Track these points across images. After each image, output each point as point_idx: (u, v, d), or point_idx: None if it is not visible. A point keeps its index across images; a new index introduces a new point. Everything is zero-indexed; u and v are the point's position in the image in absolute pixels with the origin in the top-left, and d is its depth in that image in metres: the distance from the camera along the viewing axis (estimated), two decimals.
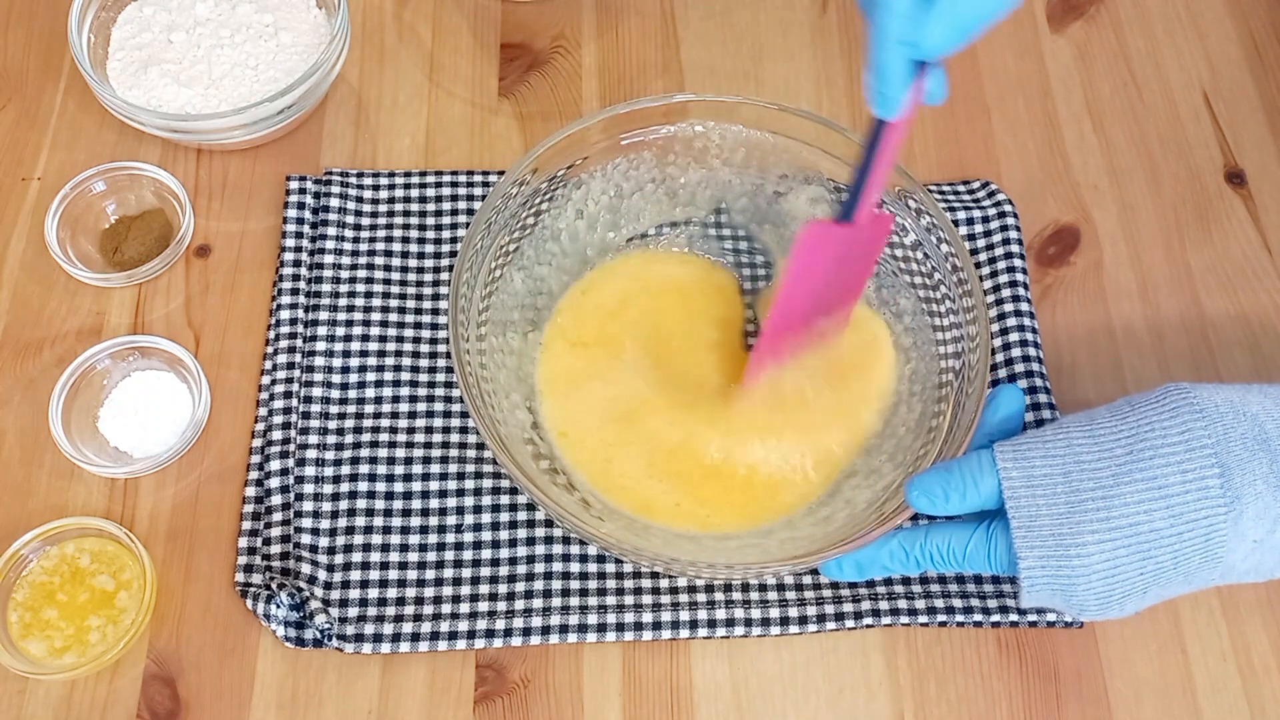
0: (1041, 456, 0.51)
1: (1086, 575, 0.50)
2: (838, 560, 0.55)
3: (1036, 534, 0.50)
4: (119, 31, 0.71)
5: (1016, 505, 0.51)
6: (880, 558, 0.54)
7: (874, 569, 0.55)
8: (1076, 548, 0.49)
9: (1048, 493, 0.50)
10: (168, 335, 0.64)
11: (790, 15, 0.78)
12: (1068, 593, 0.50)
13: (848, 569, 0.55)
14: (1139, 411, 0.51)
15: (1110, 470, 0.50)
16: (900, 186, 0.62)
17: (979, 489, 0.52)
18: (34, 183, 0.70)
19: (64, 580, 0.57)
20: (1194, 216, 0.71)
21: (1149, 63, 0.77)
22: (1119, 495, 0.49)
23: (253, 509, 0.60)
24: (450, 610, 0.57)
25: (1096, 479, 0.50)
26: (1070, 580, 0.50)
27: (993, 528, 0.52)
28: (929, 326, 0.61)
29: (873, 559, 0.54)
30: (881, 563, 0.54)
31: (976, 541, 0.52)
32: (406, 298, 0.66)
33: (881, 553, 0.54)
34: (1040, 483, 0.51)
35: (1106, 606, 0.51)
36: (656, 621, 0.57)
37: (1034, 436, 0.52)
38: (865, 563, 0.54)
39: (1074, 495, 0.50)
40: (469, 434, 0.62)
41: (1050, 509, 0.50)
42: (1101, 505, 0.49)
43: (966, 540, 0.53)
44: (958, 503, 0.52)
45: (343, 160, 0.71)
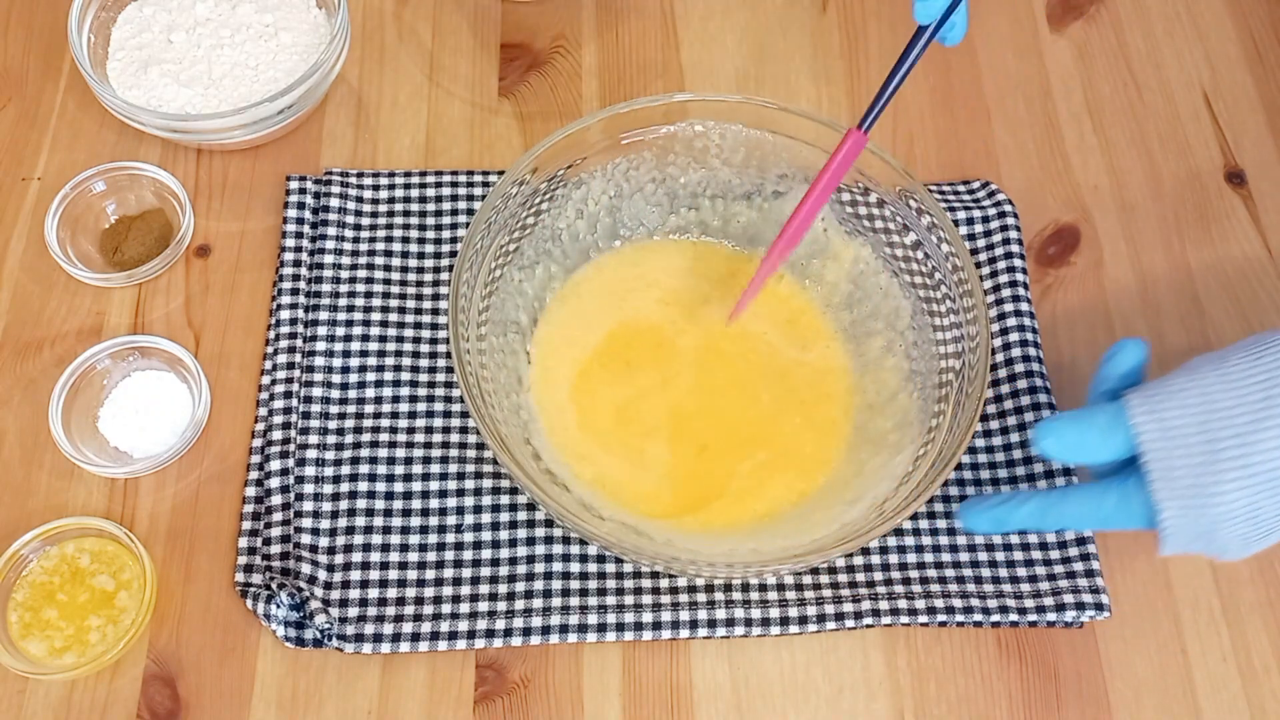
0: (1177, 407, 0.50)
1: (1230, 520, 0.49)
2: (975, 512, 0.55)
3: (1175, 485, 0.50)
4: (119, 31, 0.71)
5: (1154, 459, 0.50)
6: (1014, 519, 0.54)
7: (1008, 526, 0.54)
8: (1217, 495, 0.49)
9: (1184, 444, 0.50)
10: (168, 335, 0.64)
11: (790, 15, 0.78)
12: (1209, 538, 0.50)
13: (982, 522, 0.55)
14: (1272, 352, 0.50)
15: (1247, 416, 0.49)
16: (901, 186, 0.62)
17: (1110, 443, 0.51)
18: (34, 183, 0.70)
19: (64, 580, 0.57)
20: (1194, 216, 0.71)
21: (1149, 63, 0.77)
22: (1257, 441, 0.49)
23: (253, 509, 0.60)
24: (450, 610, 0.57)
25: (1233, 425, 0.49)
26: (1212, 527, 0.49)
27: (1128, 484, 0.51)
28: (929, 326, 0.61)
29: (1007, 518, 0.54)
30: (1016, 523, 0.54)
31: (1113, 501, 0.52)
32: (406, 298, 0.66)
33: (1016, 514, 0.54)
34: (1176, 434, 0.50)
35: (1248, 545, 0.51)
36: (656, 621, 0.57)
37: (1166, 385, 0.51)
38: (1001, 519, 0.54)
39: (1211, 444, 0.49)
40: (469, 434, 0.62)
41: (1187, 459, 0.49)
42: (1240, 452, 0.49)
43: (1103, 503, 0.52)
44: (1090, 454, 0.52)
45: (343, 160, 0.71)
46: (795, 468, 0.61)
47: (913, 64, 0.57)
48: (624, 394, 0.62)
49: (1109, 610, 0.58)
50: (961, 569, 0.59)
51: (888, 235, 0.63)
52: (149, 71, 0.69)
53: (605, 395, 0.62)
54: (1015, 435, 0.62)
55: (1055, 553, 0.59)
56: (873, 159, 0.62)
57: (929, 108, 0.74)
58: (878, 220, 0.64)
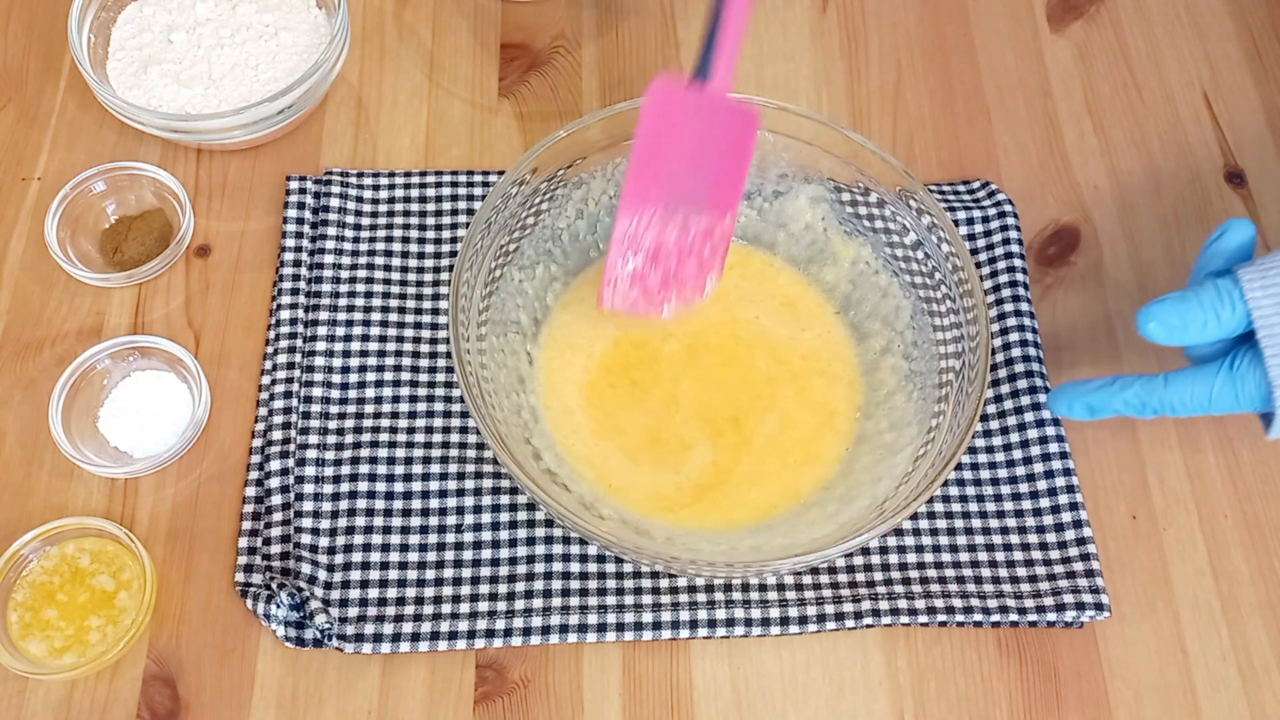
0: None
1: None
2: (1069, 397, 0.53)
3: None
4: (119, 31, 0.71)
5: (1268, 333, 0.48)
6: (1114, 404, 0.52)
7: (1106, 412, 0.53)
8: None
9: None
10: (168, 335, 0.64)
11: (790, 15, 0.78)
12: None
13: (1077, 408, 0.53)
14: None
15: None
16: (901, 186, 0.62)
17: (1220, 319, 0.49)
18: (34, 183, 0.70)
19: (64, 580, 0.57)
20: (1194, 216, 0.71)
21: (1149, 63, 0.77)
22: None
23: (253, 509, 0.60)
24: (450, 610, 0.57)
25: None
26: None
27: (1238, 363, 0.49)
28: (929, 326, 0.61)
29: (1106, 403, 0.52)
30: (1114, 408, 0.52)
31: (1222, 383, 0.50)
32: (406, 298, 0.66)
33: (1116, 400, 0.52)
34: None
35: None
36: (656, 621, 0.57)
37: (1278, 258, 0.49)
38: (1097, 405, 0.53)
39: None
40: (469, 434, 0.62)
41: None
42: None
43: (1211, 384, 0.50)
44: (1196, 333, 0.50)
45: (343, 160, 0.71)
46: (795, 466, 0.61)
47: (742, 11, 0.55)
48: (626, 392, 0.62)
49: (1109, 610, 0.58)
50: (961, 569, 0.59)
51: (888, 235, 0.63)
52: (149, 71, 0.69)
53: (608, 393, 0.62)
54: (1015, 435, 0.63)
55: (1055, 553, 0.59)
56: (873, 159, 0.62)
57: (929, 108, 0.74)
58: (878, 220, 0.64)
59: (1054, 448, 0.62)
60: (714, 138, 0.59)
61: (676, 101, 0.58)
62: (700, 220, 0.60)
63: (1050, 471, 0.61)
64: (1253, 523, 0.62)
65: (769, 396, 0.63)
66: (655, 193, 0.59)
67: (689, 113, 0.58)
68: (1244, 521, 0.62)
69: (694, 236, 0.59)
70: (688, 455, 0.61)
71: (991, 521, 0.61)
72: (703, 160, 0.59)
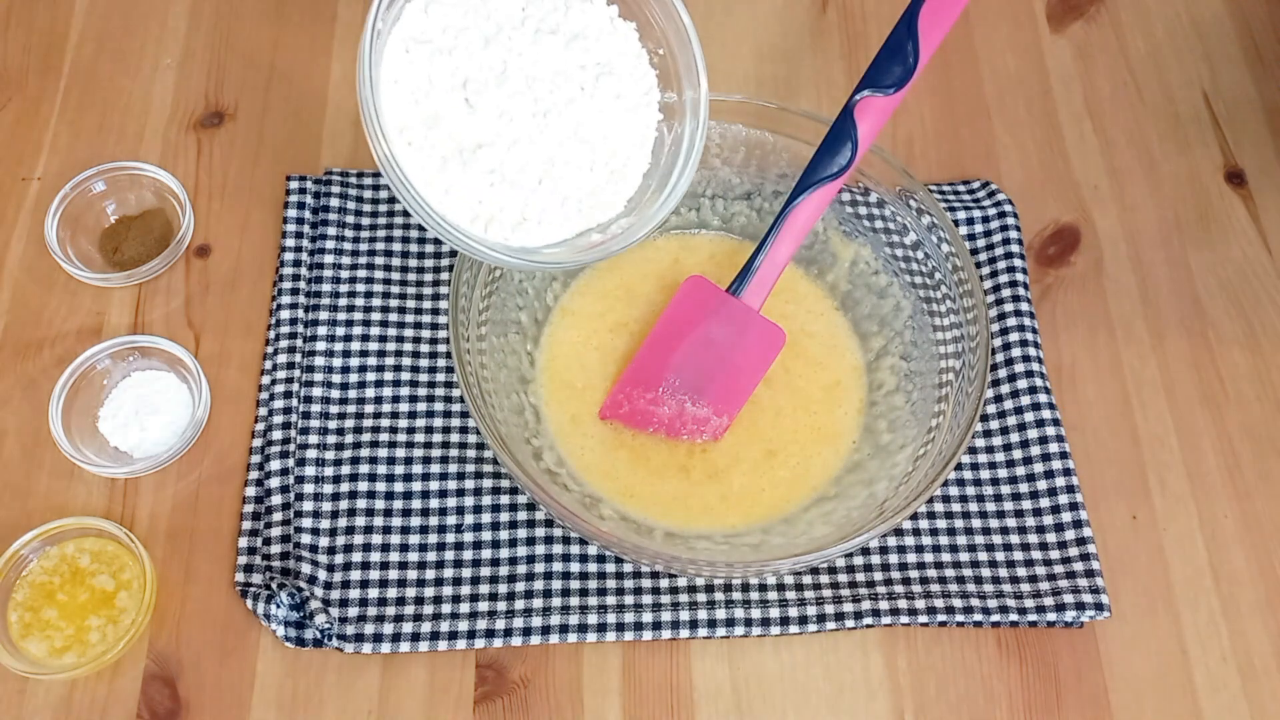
0: None
1: None
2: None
3: None
4: None
5: None
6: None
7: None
8: None
9: None
10: (168, 335, 0.64)
11: (790, 15, 0.78)
12: None
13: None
14: None
15: None
16: (901, 186, 0.62)
17: None
18: (34, 183, 0.70)
19: (64, 580, 0.57)
20: (1194, 216, 0.71)
21: (1149, 63, 0.77)
22: None
23: (253, 509, 0.60)
24: (450, 610, 0.57)
25: None
26: None
27: None
28: (929, 326, 0.61)
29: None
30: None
31: None
32: (406, 298, 0.66)
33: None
34: None
35: None
36: (656, 621, 0.57)
37: None
38: None
39: None
40: (469, 434, 0.62)
41: None
42: None
43: None
44: None
45: (343, 160, 0.71)
46: (796, 466, 0.61)
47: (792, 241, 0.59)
48: None
49: (1109, 610, 0.58)
50: (961, 569, 0.59)
51: (888, 235, 0.63)
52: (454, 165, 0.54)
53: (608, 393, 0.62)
54: (1015, 435, 0.63)
55: (1055, 553, 0.59)
56: (873, 159, 0.62)
57: (929, 108, 0.74)
58: (878, 220, 0.64)
59: (1054, 448, 0.62)
60: (734, 346, 0.61)
61: (707, 301, 0.61)
62: (697, 411, 0.61)
63: (1050, 471, 0.61)
64: (1253, 523, 0.62)
65: (769, 397, 0.63)
66: (657, 378, 0.61)
67: (716, 315, 0.61)
68: (1244, 521, 0.62)
69: (689, 420, 0.61)
70: (691, 459, 0.61)
71: (991, 521, 0.61)
72: (717, 363, 0.61)
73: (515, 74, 0.52)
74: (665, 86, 0.56)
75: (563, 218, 0.55)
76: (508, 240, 0.53)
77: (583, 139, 0.54)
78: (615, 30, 0.55)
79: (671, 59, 0.55)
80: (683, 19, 0.55)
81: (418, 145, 0.52)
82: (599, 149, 0.55)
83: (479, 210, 0.52)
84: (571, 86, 0.53)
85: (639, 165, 0.56)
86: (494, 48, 0.52)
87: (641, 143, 0.56)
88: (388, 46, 0.50)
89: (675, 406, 0.61)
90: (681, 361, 0.61)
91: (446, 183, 0.52)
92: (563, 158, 0.54)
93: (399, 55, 0.51)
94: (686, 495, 0.60)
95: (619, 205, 0.56)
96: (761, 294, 0.61)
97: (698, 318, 0.61)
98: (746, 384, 0.61)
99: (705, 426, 0.61)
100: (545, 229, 0.54)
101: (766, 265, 0.60)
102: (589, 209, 0.55)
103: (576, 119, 0.54)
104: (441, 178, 0.52)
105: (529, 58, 0.52)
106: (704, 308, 0.61)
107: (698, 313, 0.61)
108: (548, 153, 0.53)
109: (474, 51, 0.52)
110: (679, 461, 0.61)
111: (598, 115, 0.54)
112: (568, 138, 0.54)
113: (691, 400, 0.61)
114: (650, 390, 0.61)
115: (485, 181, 0.52)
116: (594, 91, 0.54)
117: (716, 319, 0.61)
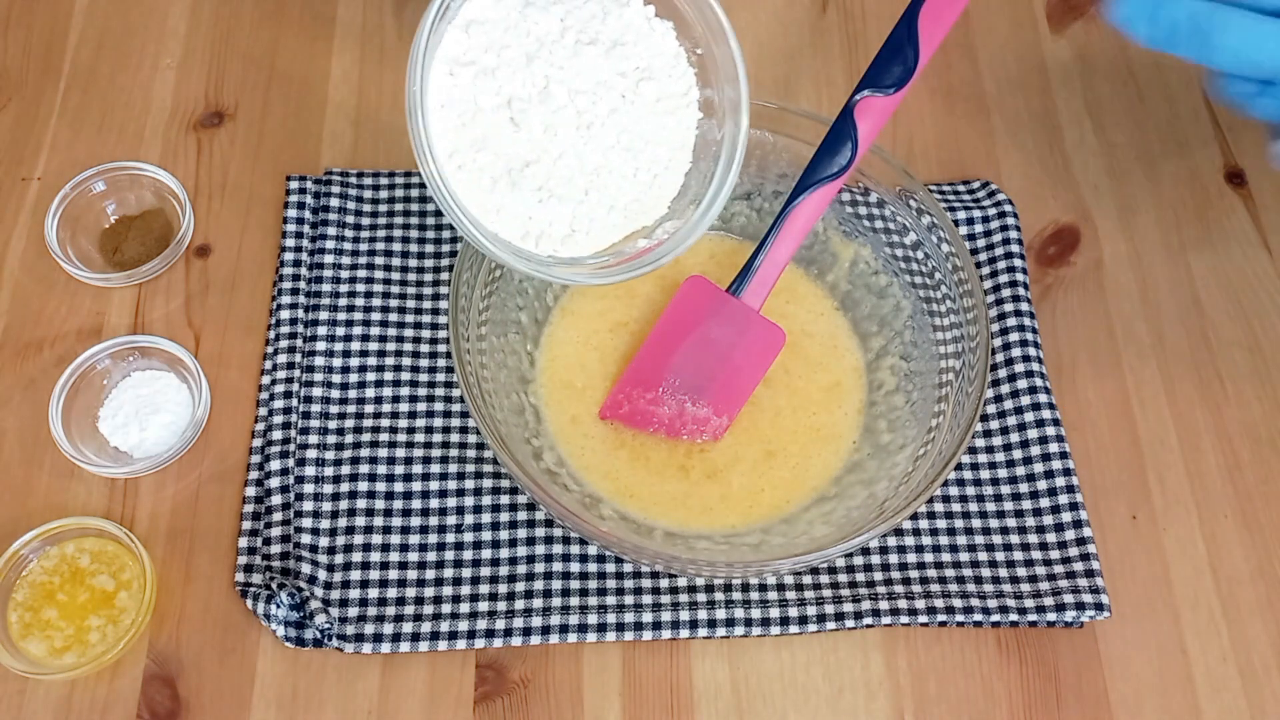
0: None
1: None
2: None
3: None
4: None
5: None
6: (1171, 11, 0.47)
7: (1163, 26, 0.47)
8: None
9: None
10: (168, 335, 0.64)
11: (790, 15, 0.78)
12: None
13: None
14: None
15: None
16: (901, 186, 0.62)
17: None
18: (34, 183, 0.70)
19: (64, 580, 0.57)
20: (1194, 216, 0.71)
21: (1149, 63, 0.77)
22: None
23: (253, 509, 0.60)
24: (450, 610, 0.57)
25: None
26: None
27: None
28: (929, 326, 0.61)
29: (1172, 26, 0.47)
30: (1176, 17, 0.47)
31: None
32: (406, 298, 0.66)
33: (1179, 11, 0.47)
34: None
35: None
36: (656, 621, 0.57)
37: None
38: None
39: None
40: (469, 434, 0.62)
41: None
42: None
43: None
44: None
45: (343, 160, 0.71)
46: (796, 466, 0.61)
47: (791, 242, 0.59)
48: None
49: (1109, 610, 0.58)
50: (961, 569, 0.59)
51: (888, 235, 0.63)
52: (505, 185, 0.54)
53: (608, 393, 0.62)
54: (1015, 435, 0.63)
55: (1055, 553, 0.59)
56: (873, 159, 0.62)
57: (929, 108, 0.74)
58: (878, 220, 0.64)
59: (1054, 448, 0.62)
60: (734, 346, 0.61)
61: (707, 301, 0.61)
62: (697, 411, 0.61)
63: (1050, 471, 0.61)
64: (1253, 523, 0.62)
65: (768, 397, 0.63)
66: (657, 378, 0.61)
67: (716, 315, 0.61)
68: (1244, 521, 0.62)
69: (689, 420, 0.61)
70: (691, 459, 0.61)
71: (991, 521, 0.61)
72: (717, 363, 0.61)
73: (558, 89, 0.53)
74: (704, 84, 0.56)
75: (609, 225, 0.55)
76: (557, 252, 0.53)
77: (626, 146, 0.54)
78: (653, 31, 0.55)
79: (709, 56, 0.55)
80: (718, 15, 0.54)
81: (467, 168, 0.52)
82: (642, 155, 0.55)
83: (529, 227, 0.53)
84: (613, 95, 0.53)
85: (681, 166, 0.57)
86: (536, 64, 0.52)
87: (682, 144, 0.56)
88: (431, 70, 0.50)
89: (675, 406, 0.61)
90: (681, 361, 0.61)
91: (497, 203, 0.52)
92: (607, 167, 0.54)
93: (443, 78, 0.51)
94: (686, 495, 0.60)
95: (663, 208, 0.57)
96: (761, 294, 0.61)
97: (698, 318, 0.61)
98: (746, 384, 0.62)
99: (705, 426, 0.61)
100: (593, 238, 0.55)
101: (766, 265, 0.60)
102: (634, 214, 0.56)
103: (619, 127, 0.54)
104: (492, 199, 0.52)
105: (571, 70, 0.53)
106: (704, 308, 0.61)
107: (698, 313, 0.61)
108: (593, 163, 0.54)
109: (517, 69, 0.52)
110: (679, 461, 0.61)
111: (639, 121, 0.54)
112: (611, 146, 0.54)
113: (691, 400, 0.61)
114: (650, 390, 0.61)
115: (534, 199, 0.53)
116: (634, 98, 0.54)
117: (716, 319, 0.61)
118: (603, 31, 0.53)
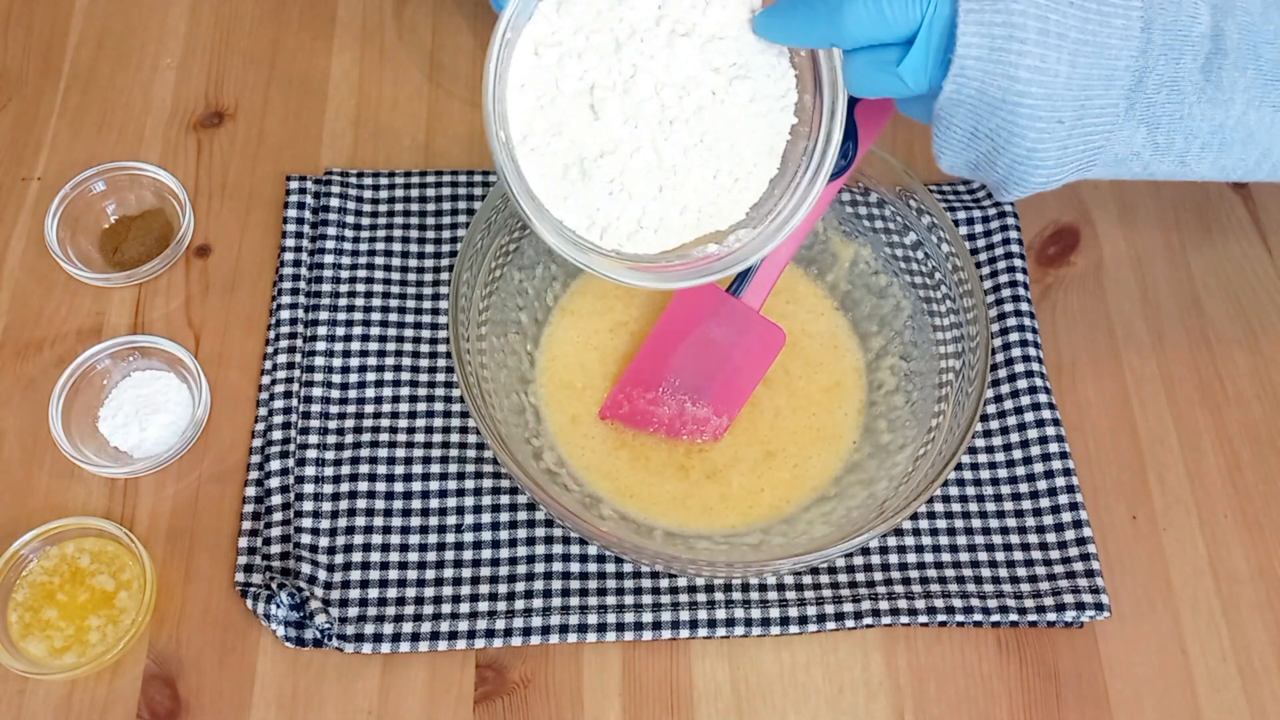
0: None
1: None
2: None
3: None
4: None
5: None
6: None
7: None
8: None
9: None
10: (168, 335, 0.64)
11: None
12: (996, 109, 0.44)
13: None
14: None
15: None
16: (901, 186, 0.62)
17: None
18: (34, 183, 0.70)
19: (64, 580, 0.57)
20: (1194, 216, 0.71)
21: None
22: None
23: (253, 509, 0.60)
24: (450, 610, 0.57)
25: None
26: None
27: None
28: (929, 326, 0.61)
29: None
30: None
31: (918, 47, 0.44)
32: (406, 298, 0.66)
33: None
34: None
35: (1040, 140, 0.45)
36: (656, 621, 0.57)
37: None
38: None
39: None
40: (469, 434, 0.62)
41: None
42: None
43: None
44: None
45: (343, 160, 0.71)
46: (796, 466, 0.61)
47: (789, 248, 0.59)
48: None
49: (1109, 610, 0.58)
50: (961, 569, 0.59)
51: (888, 235, 0.63)
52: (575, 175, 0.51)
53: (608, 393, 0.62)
54: (1015, 435, 0.63)
55: (1055, 553, 0.59)
56: (873, 159, 0.62)
57: None
58: (878, 220, 0.64)
59: (1054, 448, 0.62)
60: (734, 346, 0.61)
61: (707, 301, 0.61)
62: (697, 411, 0.61)
63: (1050, 471, 0.61)
64: (1253, 523, 0.62)
65: (768, 397, 0.63)
66: (657, 378, 0.61)
67: (716, 315, 0.61)
68: (1244, 521, 0.62)
69: (689, 420, 0.61)
70: (691, 459, 0.61)
71: (991, 521, 0.61)
72: (717, 363, 0.61)
73: (644, 80, 0.50)
74: (804, 89, 0.52)
75: (680, 226, 0.52)
76: (622, 248, 0.51)
77: (709, 146, 0.51)
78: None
79: (814, 57, 0.51)
80: None
81: (540, 151, 0.50)
82: (725, 156, 0.52)
83: (596, 218, 0.51)
84: (702, 92, 0.51)
85: (766, 171, 0.53)
86: (625, 51, 0.49)
87: (771, 149, 0.53)
88: (516, 48, 0.48)
89: (675, 406, 0.61)
90: (681, 361, 0.61)
91: (566, 191, 0.50)
92: (686, 165, 0.51)
93: (527, 57, 0.49)
94: (686, 495, 0.60)
95: (740, 213, 0.53)
96: (761, 294, 0.61)
97: (698, 318, 0.61)
98: (746, 384, 0.61)
99: (705, 426, 0.61)
100: (661, 236, 0.52)
101: (766, 265, 0.60)
102: (709, 217, 0.53)
103: (705, 125, 0.51)
104: (561, 186, 0.50)
105: (660, 61, 0.50)
106: (704, 308, 0.61)
107: (698, 313, 0.61)
108: (671, 161, 0.51)
109: (604, 54, 0.49)
110: (679, 462, 0.61)
111: (728, 121, 0.51)
112: (694, 145, 0.51)
113: (691, 400, 0.61)
114: (650, 390, 0.61)
115: (605, 190, 0.50)
116: (725, 96, 0.51)
117: (716, 319, 0.61)
118: (701, 23, 0.50)
